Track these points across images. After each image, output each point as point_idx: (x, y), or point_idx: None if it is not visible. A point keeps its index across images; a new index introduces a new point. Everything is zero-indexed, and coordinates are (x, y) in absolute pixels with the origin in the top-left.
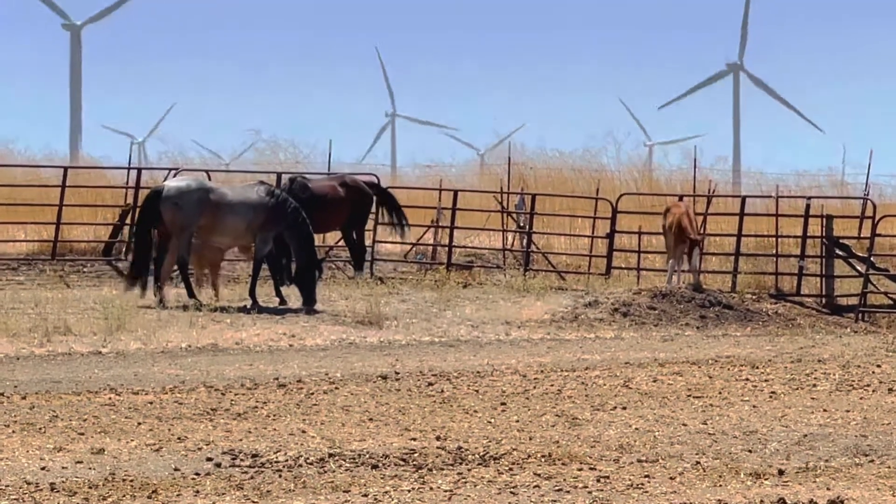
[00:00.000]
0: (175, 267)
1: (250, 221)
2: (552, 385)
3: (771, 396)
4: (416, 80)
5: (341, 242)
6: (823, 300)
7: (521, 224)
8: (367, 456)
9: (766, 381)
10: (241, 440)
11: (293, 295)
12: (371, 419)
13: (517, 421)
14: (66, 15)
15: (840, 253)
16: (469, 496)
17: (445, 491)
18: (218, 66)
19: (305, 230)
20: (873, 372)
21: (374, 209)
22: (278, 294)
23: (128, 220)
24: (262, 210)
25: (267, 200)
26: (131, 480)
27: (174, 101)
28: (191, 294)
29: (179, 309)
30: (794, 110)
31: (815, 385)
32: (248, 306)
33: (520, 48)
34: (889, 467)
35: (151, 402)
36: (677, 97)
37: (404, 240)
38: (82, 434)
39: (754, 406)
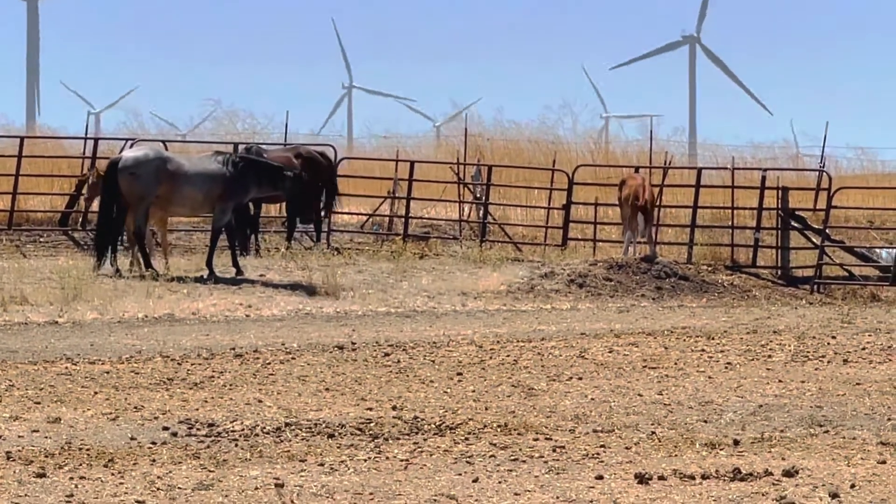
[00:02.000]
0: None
1: (208, 192)
2: (508, 356)
3: (726, 367)
4: (373, 51)
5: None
6: (779, 272)
7: (478, 195)
8: (324, 425)
9: (721, 352)
10: (197, 410)
11: (249, 266)
12: (327, 389)
13: (473, 391)
14: None
15: (795, 225)
16: (425, 465)
17: (402, 460)
18: (177, 35)
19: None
20: (828, 343)
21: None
22: (235, 264)
23: (83, 191)
24: (220, 181)
25: (225, 171)
26: (88, 449)
27: (131, 69)
28: (147, 265)
29: (136, 279)
30: (745, 89)
31: (770, 356)
32: (205, 276)
33: (477, 18)
34: (843, 438)
35: (108, 372)
36: (631, 60)
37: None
38: (38, 403)
39: (710, 377)
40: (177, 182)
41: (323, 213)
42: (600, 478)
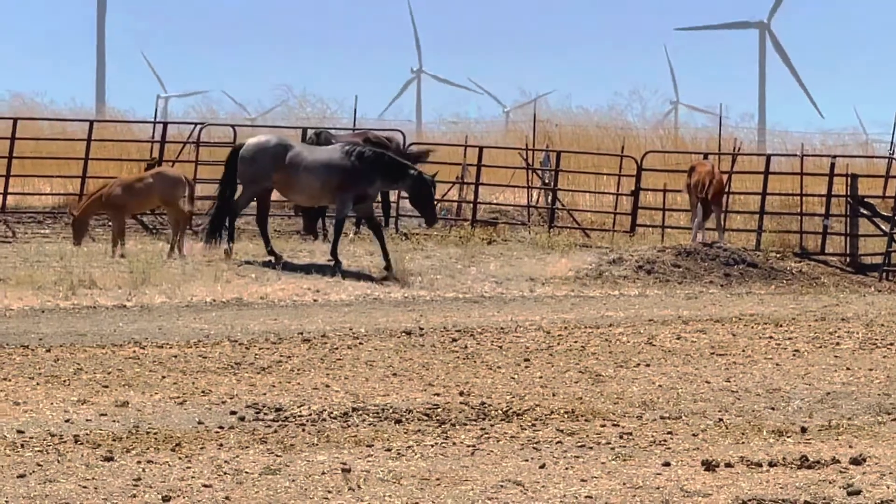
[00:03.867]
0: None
1: (325, 181)
2: (576, 342)
3: (794, 354)
4: (442, 37)
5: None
6: (847, 259)
7: (546, 181)
8: (391, 410)
9: (789, 339)
10: (264, 394)
11: (317, 250)
12: (395, 374)
13: (540, 377)
14: None
15: (864, 212)
16: (492, 451)
17: (468, 446)
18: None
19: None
20: None
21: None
22: (333, 254)
23: None
24: (339, 171)
25: (346, 162)
26: (155, 433)
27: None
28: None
29: (204, 263)
30: (802, 86)
31: (838, 343)
32: (333, 265)
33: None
34: None
35: (176, 356)
36: (697, 27)
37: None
38: (106, 387)
39: (777, 364)
40: (293, 170)
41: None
42: (667, 464)
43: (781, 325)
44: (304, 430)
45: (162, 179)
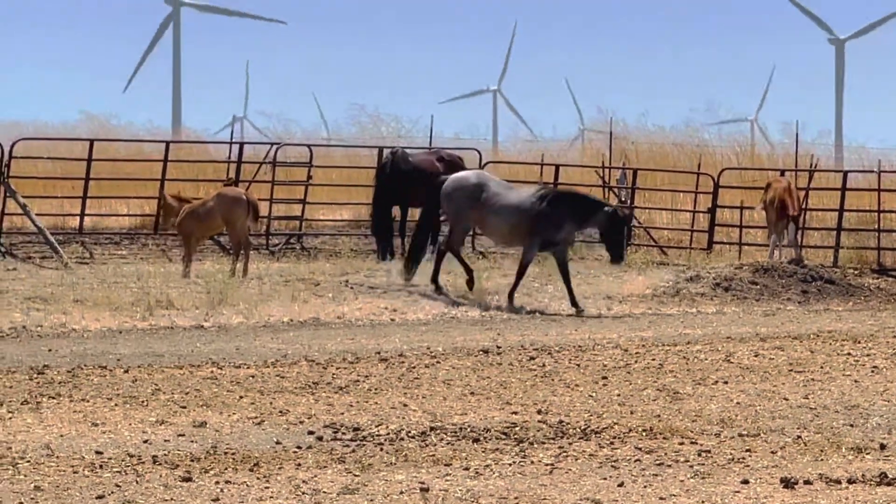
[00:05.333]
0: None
1: (514, 225)
2: (653, 359)
3: (873, 371)
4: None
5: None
6: None
7: (623, 199)
8: (469, 429)
9: (868, 355)
10: (342, 414)
11: (394, 270)
12: (472, 393)
13: (618, 395)
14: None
15: None
16: (570, 470)
17: (547, 465)
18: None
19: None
20: None
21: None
22: (573, 302)
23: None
24: (528, 215)
25: (534, 205)
26: (233, 453)
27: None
28: (434, 279)
29: (281, 283)
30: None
31: None
32: (508, 305)
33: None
34: None
35: (253, 376)
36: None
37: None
38: (184, 407)
39: (856, 380)
40: (486, 211)
41: None
42: (746, 482)
43: (860, 342)
44: (381, 449)
45: (222, 200)
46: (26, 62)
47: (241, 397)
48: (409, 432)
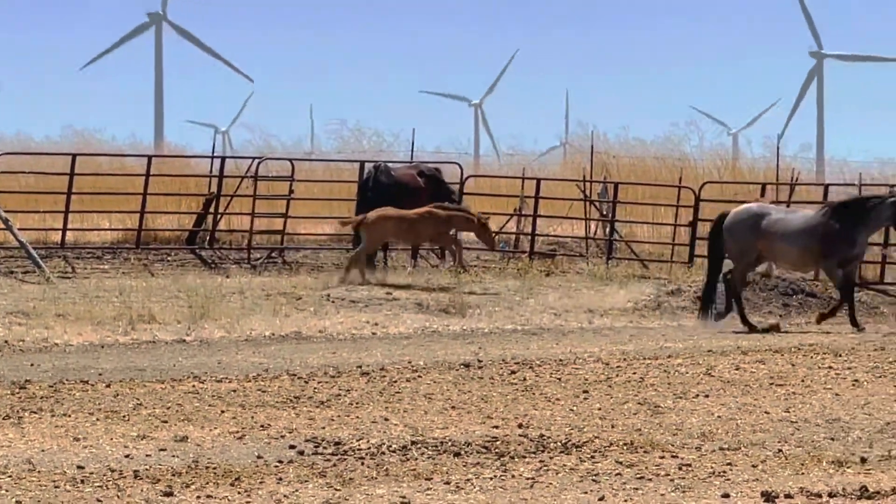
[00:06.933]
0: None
1: (803, 248)
2: (634, 373)
3: (854, 384)
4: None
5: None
6: None
7: (604, 212)
8: (450, 444)
9: (848, 369)
10: (323, 428)
11: (374, 283)
12: (453, 407)
13: (599, 409)
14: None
15: None
16: (551, 484)
17: (527, 478)
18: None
19: None
20: None
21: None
22: (853, 322)
23: (211, 209)
24: (816, 236)
25: (820, 224)
26: (214, 468)
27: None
28: (744, 320)
29: (263, 297)
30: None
31: None
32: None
33: (602, 39)
34: None
35: (235, 390)
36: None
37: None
38: (166, 422)
39: (837, 394)
40: (771, 238)
41: None
42: (727, 496)
43: (841, 355)
44: (363, 463)
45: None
46: (10, 75)
47: (222, 412)
48: (391, 446)
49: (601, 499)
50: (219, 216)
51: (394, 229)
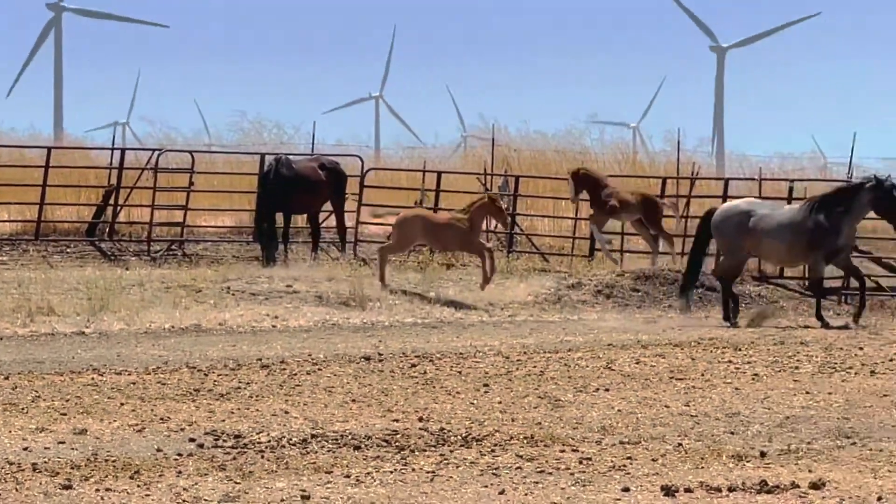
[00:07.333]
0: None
1: (790, 244)
2: (535, 366)
3: (753, 379)
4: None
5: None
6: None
7: (505, 206)
8: (350, 437)
9: (748, 363)
10: (223, 421)
11: (276, 276)
12: (354, 400)
13: (500, 402)
14: None
15: None
16: (451, 477)
17: (428, 472)
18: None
19: None
20: (855, 354)
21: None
22: (818, 316)
23: (111, 201)
24: (802, 231)
25: (805, 219)
26: (114, 461)
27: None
28: (726, 317)
29: (163, 290)
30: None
31: (797, 367)
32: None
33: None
34: (871, 450)
35: (134, 383)
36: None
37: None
38: (65, 414)
39: (737, 388)
40: (757, 235)
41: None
42: (627, 490)
43: (740, 350)
44: (262, 456)
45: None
46: None
47: (121, 404)
48: (291, 439)
49: (501, 492)
50: (119, 208)
51: (423, 231)
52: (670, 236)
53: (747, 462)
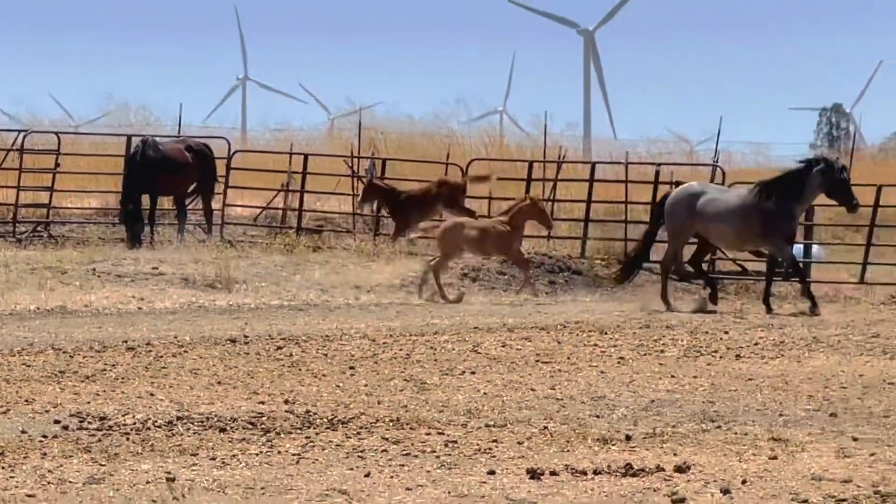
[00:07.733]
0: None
1: (740, 229)
2: (401, 349)
3: (619, 362)
4: (269, 42)
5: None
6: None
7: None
8: (216, 419)
9: (614, 346)
10: (88, 403)
11: (142, 258)
12: (219, 382)
13: (366, 385)
14: None
15: None
16: (317, 460)
17: (293, 454)
18: (67, 25)
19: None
20: (721, 338)
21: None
22: (765, 301)
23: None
24: (753, 215)
25: (755, 203)
26: None
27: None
28: (664, 298)
29: (28, 271)
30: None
31: (663, 351)
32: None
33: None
34: (735, 433)
35: None
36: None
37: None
38: None
39: (602, 372)
40: (706, 220)
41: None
42: (492, 473)
43: (606, 333)
44: (128, 438)
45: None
46: None
47: None
48: (156, 422)
49: (367, 475)
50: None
51: (465, 239)
52: (472, 212)
53: (612, 445)
